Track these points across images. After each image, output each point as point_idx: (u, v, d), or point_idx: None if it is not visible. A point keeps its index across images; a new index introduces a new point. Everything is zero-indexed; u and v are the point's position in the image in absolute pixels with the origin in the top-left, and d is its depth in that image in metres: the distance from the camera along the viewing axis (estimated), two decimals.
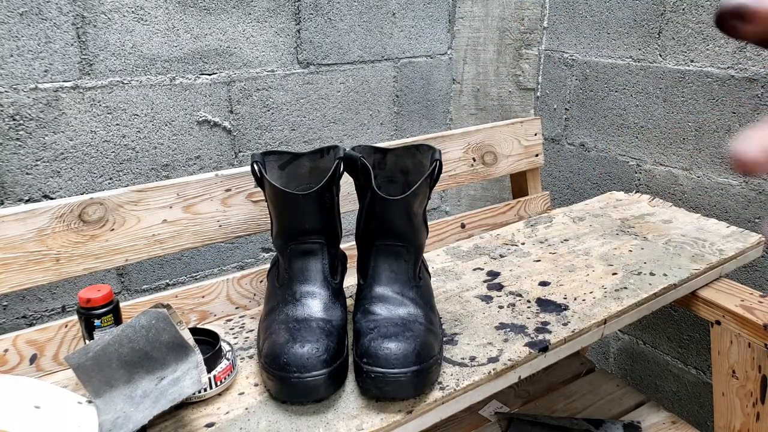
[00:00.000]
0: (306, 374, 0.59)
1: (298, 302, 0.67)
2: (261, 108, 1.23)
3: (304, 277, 0.69)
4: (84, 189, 1.07)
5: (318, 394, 0.61)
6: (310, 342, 0.61)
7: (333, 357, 0.61)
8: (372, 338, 0.62)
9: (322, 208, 0.69)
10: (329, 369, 0.60)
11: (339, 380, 0.63)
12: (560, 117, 1.42)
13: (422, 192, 0.69)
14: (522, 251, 0.98)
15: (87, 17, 1.00)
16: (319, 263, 0.70)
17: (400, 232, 0.69)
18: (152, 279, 1.19)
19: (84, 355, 0.61)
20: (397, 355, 0.60)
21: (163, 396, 0.57)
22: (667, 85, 1.18)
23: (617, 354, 1.42)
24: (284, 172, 0.75)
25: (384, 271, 0.70)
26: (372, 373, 0.60)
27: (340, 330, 0.66)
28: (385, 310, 0.67)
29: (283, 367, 0.59)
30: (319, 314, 0.66)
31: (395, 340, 0.61)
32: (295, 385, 0.59)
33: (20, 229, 0.69)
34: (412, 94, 1.46)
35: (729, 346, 0.92)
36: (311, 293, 0.68)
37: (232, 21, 1.14)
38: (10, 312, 1.06)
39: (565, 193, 1.46)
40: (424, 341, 0.63)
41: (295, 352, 0.60)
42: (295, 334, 0.62)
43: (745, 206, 1.11)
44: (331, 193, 0.70)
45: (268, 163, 0.74)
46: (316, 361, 0.60)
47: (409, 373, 0.59)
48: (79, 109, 1.03)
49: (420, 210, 0.70)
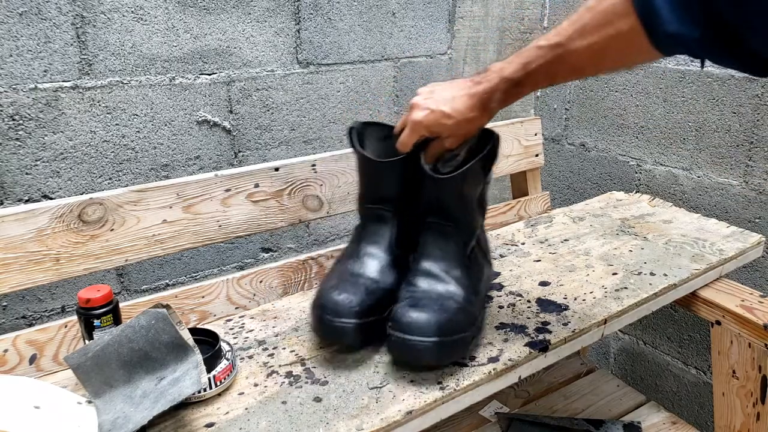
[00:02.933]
0: (336, 318, 0.65)
1: (358, 259, 0.73)
2: (261, 108, 1.22)
3: (371, 239, 0.75)
4: (84, 189, 1.07)
5: (346, 339, 0.67)
6: (347, 292, 0.67)
7: (365, 312, 0.66)
8: (402, 306, 0.66)
9: (397, 179, 0.74)
10: (358, 321, 0.66)
11: (369, 335, 0.68)
12: (560, 117, 1.42)
13: (474, 174, 0.71)
14: (522, 251, 0.98)
15: (87, 17, 1.00)
16: (387, 230, 0.75)
17: (449, 211, 0.72)
18: (152, 279, 1.19)
19: (84, 355, 0.61)
20: (419, 324, 0.63)
21: (162, 396, 0.57)
22: (667, 85, 1.18)
23: (617, 354, 1.42)
24: (383, 143, 0.79)
25: (432, 248, 0.72)
26: (393, 337, 0.64)
27: (385, 292, 0.71)
28: (425, 284, 0.70)
29: (320, 307, 0.67)
30: (372, 274, 0.71)
31: (421, 311, 0.64)
32: (325, 325, 0.66)
33: (20, 229, 0.69)
34: (412, 94, 1.46)
35: (729, 346, 0.92)
36: (371, 254, 0.73)
37: (231, 21, 1.14)
38: (10, 312, 1.05)
39: (565, 193, 1.46)
40: (451, 317, 0.65)
41: (332, 297, 0.66)
42: (341, 283, 0.69)
43: (745, 206, 1.11)
44: (408, 167, 0.73)
45: (368, 134, 0.78)
46: (347, 310, 0.65)
47: (427, 343, 0.62)
48: (79, 109, 1.03)
49: (472, 192, 0.72)
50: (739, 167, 1.10)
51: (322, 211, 0.93)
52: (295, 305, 0.83)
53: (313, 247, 1.39)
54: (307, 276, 0.92)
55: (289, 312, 0.81)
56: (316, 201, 0.92)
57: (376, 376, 0.67)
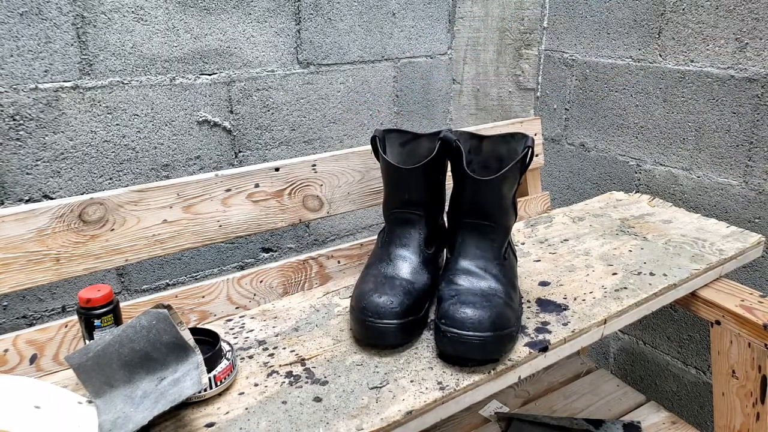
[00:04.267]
0: (378, 320, 0.68)
1: (390, 262, 0.76)
2: (261, 108, 1.23)
3: (401, 242, 0.78)
4: (84, 189, 1.07)
5: (388, 340, 0.69)
6: (387, 295, 0.70)
7: (405, 312, 0.69)
8: (451, 303, 0.68)
9: (423, 183, 0.77)
10: (400, 321, 0.68)
11: (409, 334, 0.71)
12: (560, 117, 1.42)
13: (512, 176, 0.74)
14: (522, 251, 0.98)
15: (87, 17, 1.00)
16: (416, 232, 0.78)
17: (488, 212, 0.74)
18: (152, 279, 1.19)
19: (84, 355, 0.61)
20: (472, 319, 0.65)
21: (163, 396, 0.57)
22: (667, 85, 1.18)
23: (617, 354, 1.42)
24: (404, 149, 0.83)
25: (470, 247, 0.75)
26: (448, 333, 0.66)
27: (421, 293, 0.73)
28: (467, 282, 0.72)
29: (362, 310, 0.69)
30: (406, 275, 0.74)
31: (473, 307, 0.67)
32: (369, 327, 0.69)
33: (20, 229, 0.69)
34: (412, 94, 1.46)
35: (729, 346, 0.92)
36: (403, 256, 0.76)
37: (232, 21, 1.14)
38: (10, 312, 1.06)
39: (565, 193, 1.46)
40: (500, 312, 0.68)
41: (373, 300, 0.69)
42: (378, 286, 0.71)
43: (745, 206, 1.11)
44: (434, 172, 0.77)
45: (390, 140, 0.82)
46: (389, 312, 0.68)
47: (482, 337, 0.65)
48: (79, 109, 1.03)
49: (509, 194, 0.75)
50: (738, 167, 1.10)
51: (322, 211, 0.93)
52: (295, 305, 0.83)
53: (313, 247, 1.39)
54: (307, 276, 0.92)
55: (289, 312, 0.82)
56: (316, 201, 0.92)
57: (376, 376, 0.67)
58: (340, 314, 0.80)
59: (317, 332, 0.76)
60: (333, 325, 0.77)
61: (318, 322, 0.78)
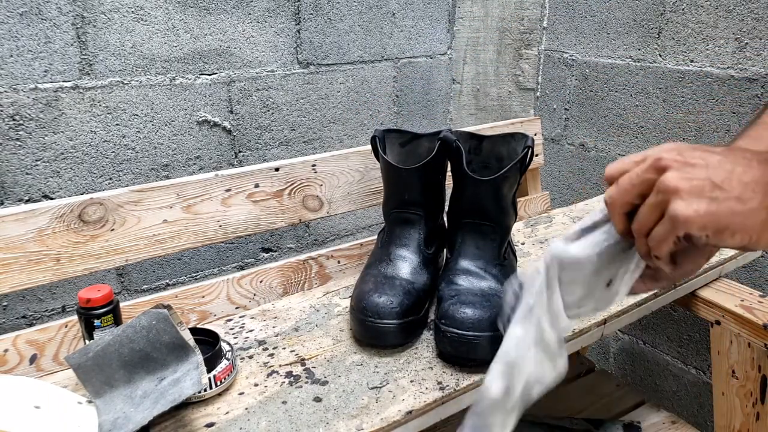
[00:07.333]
0: (378, 320, 0.68)
1: (390, 262, 0.76)
2: (261, 108, 1.23)
3: (400, 242, 0.78)
4: (84, 189, 1.07)
5: (388, 341, 0.69)
6: (387, 295, 0.70)
7: (405, 312, 0.69)
8: (451, 303, 0.68)
9: (423, 183, 0.77)
10: (400, 321, 0.69)
11: (409, 334, 0.71)
12: (560, 117, 1.42)
13: (512, 176, 0.74)
14: (522, 251, 0.98)
15: (87, 17, 1.00)
16: (416, 232, 0.78)
17: (488, 212, 0.75)
18: (152, 279, 1.19)
19: (84, 355, 0.61)
20: (472, 319, 0.65)
21: (163, 396, 0.57)
22: (667, 85, 1.18)
23: (617, 354, 1.42)
24: (404, 149, 0.83)
25: (470, 247, 0.75)
26: (448, 333, 0.66)
27: (420, 293, 0.73)
28: (467, 282, 0.72)
29: (362, 310, 0.69)
30: (406, 275, 0.74)
31: (473, 307, 0.67)
32: (368, 327, 0.69)
33: (20, 229, 0.69)
34: (412, 94, 1.46)
35: (729, 346, 0.92)
36: (403, 256, 0.76)
37: (232, 21, 1.14)
38: (10, 312, 1.06)
39: (565, 193, 1.46)
40: (500, 312, 0.67)
41: (373, 300, 0.69)
42: (378, 286, 0.71)
43: None
44: (433, 172, 0.78)
45: (389, 140, 0.82)
46: (389, 312, 0.68)
47: (482, 337, 0.65)
48: (79, 109, 1.03)
49: (509, 194, 0.75)
50: None
51: (322, 211, 0.93)
52: (295, 305, 0.83)
53: (313, 247, 1.39)
54: (307, 276, 0.92)
55: (289, 312, 0.82)
56: (316, 201, 0.92)
57: (376, 376, 0.67)
58: (340, 314, 0.80)
59: (317, 332, 0.76)
60: (333, 325, 0.77)
61: (318, 322, 0.78)
